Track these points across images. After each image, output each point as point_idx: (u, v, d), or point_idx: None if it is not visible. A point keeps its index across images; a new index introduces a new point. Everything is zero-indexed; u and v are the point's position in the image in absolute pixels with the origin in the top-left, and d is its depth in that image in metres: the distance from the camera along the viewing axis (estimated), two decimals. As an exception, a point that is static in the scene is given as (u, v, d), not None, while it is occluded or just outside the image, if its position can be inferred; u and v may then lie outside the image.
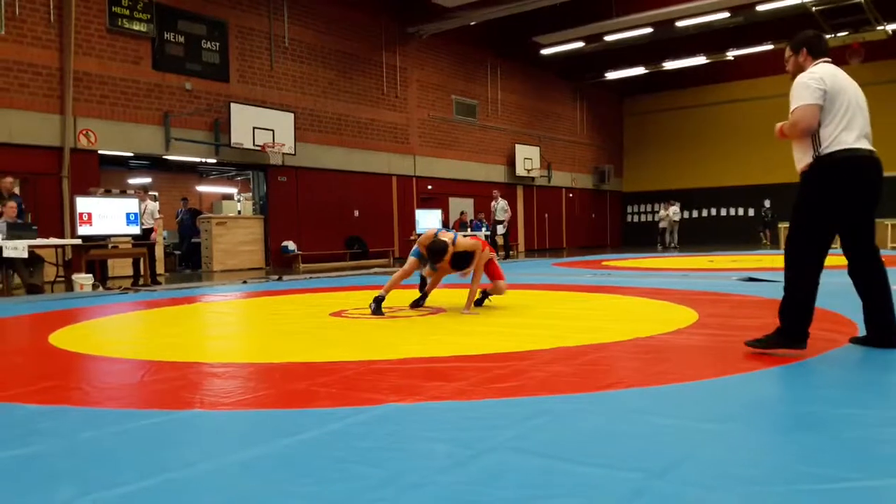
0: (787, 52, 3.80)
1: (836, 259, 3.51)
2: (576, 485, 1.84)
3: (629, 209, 30.93)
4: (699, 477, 1.88)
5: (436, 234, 5.91)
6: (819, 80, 3.47)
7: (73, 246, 9.74)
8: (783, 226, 19.37)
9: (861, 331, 3.85)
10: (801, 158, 3.56)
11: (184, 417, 2.67)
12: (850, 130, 3.45)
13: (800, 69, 3.68)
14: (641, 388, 2.94)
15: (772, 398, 2.74)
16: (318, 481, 1.92)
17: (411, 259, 6.16)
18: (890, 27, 20.48)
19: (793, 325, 3.47)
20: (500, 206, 18.00)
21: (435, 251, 5.70)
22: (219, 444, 2.35)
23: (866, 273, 3.63)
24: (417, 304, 6.30)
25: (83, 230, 9.66)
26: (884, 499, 1.72)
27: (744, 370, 3.23)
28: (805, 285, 3.47)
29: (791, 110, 3.51)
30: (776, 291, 6.66)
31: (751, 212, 27.06)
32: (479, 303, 6.25)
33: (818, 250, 3.49)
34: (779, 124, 3.68)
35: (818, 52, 3.68)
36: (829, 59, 3.67)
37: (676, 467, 1.96)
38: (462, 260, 5.83)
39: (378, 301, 5.81)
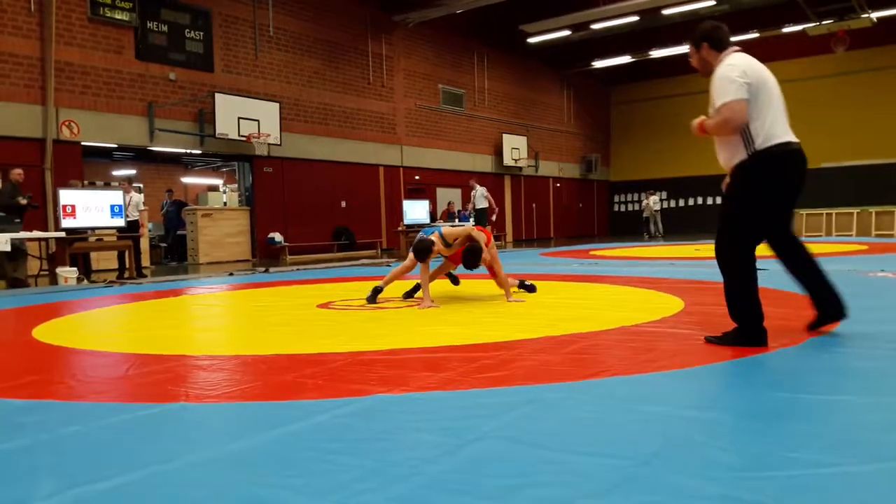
0: (690, 49, 3.71)
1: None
2: (562, 472, 1.85)
3: (616, 198, 31.03)
4: (684, 464, 1.89)
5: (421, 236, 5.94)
6: (742, 73, 3.38)
7: (57, 239, 9.65)
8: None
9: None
10: (734, 155, 3.48)
11: (169, 411, 2.65)
12: (778, 123, 3.42)
13: (706, 64, 3.61)
14: (628, 377, 2.96)
15: (756, 385, 2.76)
16: (305, 473, 1.91)
17: (412, 254, 6.12)
18: (875, 15, 20.59)
19: (750, 328, 3.47)
20: (480, 193, 17.18)
21: (420, 250, 5.70)
22: (204, 437, 2.33)
23: (794, 253, 3.70)
24: (409, 295, 6.29)
25: (67, 223, 9.56)
26: (866, 484, 1.74)
27: (729, 358, 3.25)
28: (752, 286, 3.49)
29: (717, 107, 3.42)
30: (762, 279, 6.71)
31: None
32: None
33: (754, 247, 3.52)
34: (696, 120, 3.59)
35: (719, 43, 3.58)
36: (739, 49, 3.57)
37: (662, 455, 1.97)
38: (472, 257, 5.64)
39: (376, 291, 6.00)
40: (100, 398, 2.89)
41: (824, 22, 21.06)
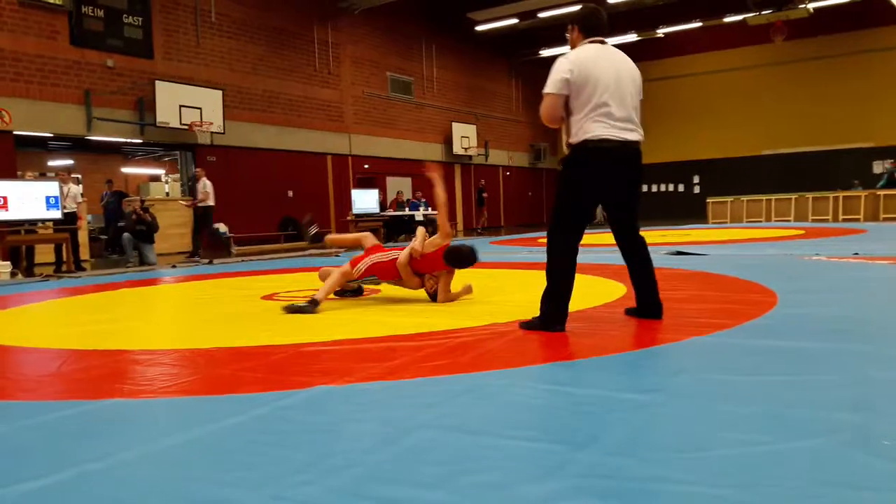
0: (567, 29, 3.77)
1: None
2: (500, 458, 1.86)
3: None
4: (622, 447, 1.92)
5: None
6: (570, 68, 3.43)
7: (-12, 232, 9.26)
8: (711, 200, 19.99)
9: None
10: (565, 142, 3.61)
11: (102, 407, 2.57)
12: (601, 120, 3.41)
13: (573, 46, 3.67)
14: (569, 362, 2.99)
15: (692, 368, 2.82)
16: (241, 467, 1.87)
17: (348, 264, 5.35)
18: (811, 5, 21.23)
19: (556, 311, 3.60)
20: None
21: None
22: (138, 434, 2.27)
23: (632, 253, 3.79)
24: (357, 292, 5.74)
25: (-1, 215, 9.18)
26: (795, 460, 1.79)
27: (666, 341, 3.32)
28: (570, 273, 3.62)
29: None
30: (702, 264, 6.91)
31: (681, 187, 27.84)
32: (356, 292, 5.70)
33: (570, 234, 3.59)
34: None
35: (588, 29, 3.63)
36: (598, 38, 3.61)
37: (600, 438, 2.00)
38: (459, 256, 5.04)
39: (313, 303, 5.19)
40: (28, 396, 2.78)
41: (764, 12, 21.63)
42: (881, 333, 3.39)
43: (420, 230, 5.27)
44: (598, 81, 3.43)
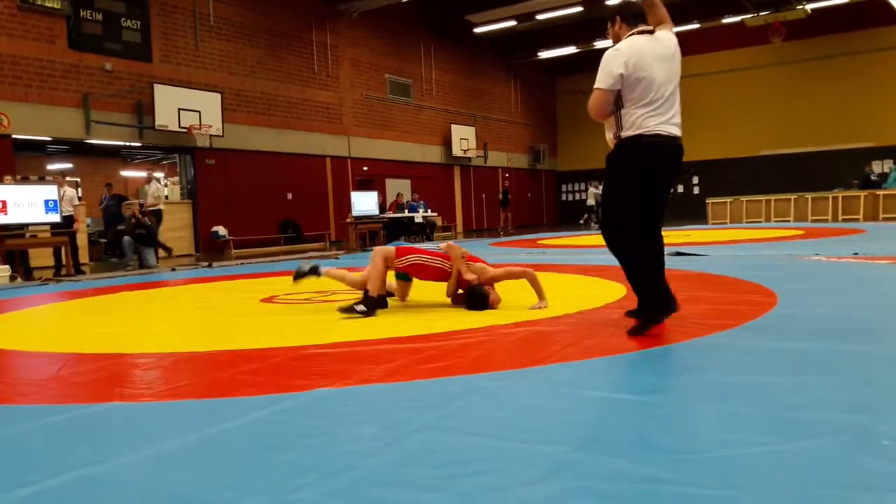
0: (608, 24, 3.68)
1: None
2: (499, 461, 1.85)
3: (564, 188, 31.37)
4: (621, 448, 1.92)
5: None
6: (623, 62, 3.35)
7: (-14, 236, 9.24)
8: (710, 201, 19.98)
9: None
10: (611, 139, 3.55)
11: (100, 411, 2.56)
12: (652, 114, 3.37)
13: (617, 39, 3.56)
14: (569, 363, 2.98)
15: (693, 369, 2.81)
16: (240, 471, 1.87)
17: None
18: (809, 6, 21.24)
19: (645, 301, 3.53)
20: None
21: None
22: (137, 437, 2.26)
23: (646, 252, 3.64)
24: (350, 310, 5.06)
25: (-3, 219, 9.15)
26: (794, 461, 1.79)
27: (667, 342, 3.31)
28: (636, 264, 3.56)
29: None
30: (702, 265, 6.90)
31: (680, 188, 27.84)
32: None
33: (627, 228, 3.53)
34: None
35: (631, 18, 3.56)
36: (646, 28, 3.53)
37: (599, 439, 2.00)
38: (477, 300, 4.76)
39: (313, 270, 5.11)
40: (27, 400, 2.77)
41: (762, 13, 21.64)
42: (881, 334, 3.38)
43: (454, 249, 4.91)
44: (652, 77, 3.37)
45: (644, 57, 3.37)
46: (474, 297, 4.72)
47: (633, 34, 3.49)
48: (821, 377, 2.57)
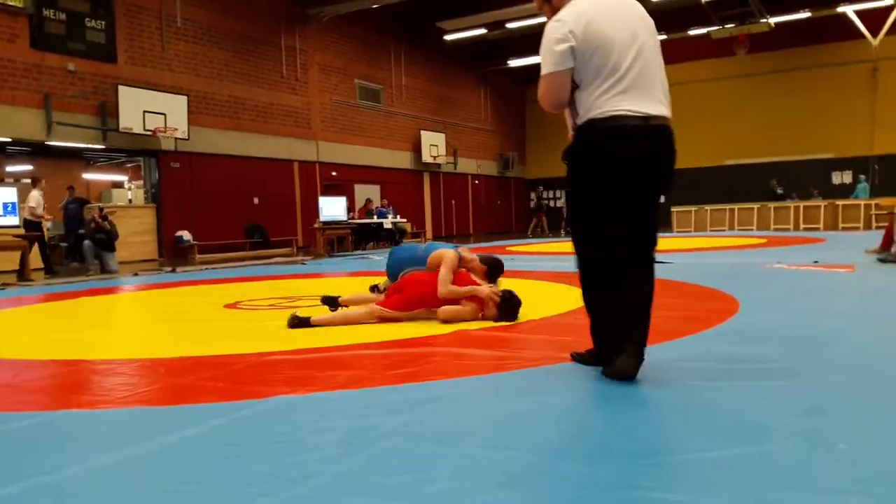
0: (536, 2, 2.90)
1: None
2: (461, 467, 1.84)
3: (532, 195, 31.53)
4: (583, 454, 1.93)
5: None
6: (568, 31, 2.58)
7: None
8: (675, 209, 20.27)
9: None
10: (569, 133, 2.77)
11: (57, 418, 2.50)
12: (615, 90, 2.59)
13: (559, 9, 2.74)
14: (533, 369, 2.99)
15: (655, 376, 2.84)
16: (198, 479, 1.83)
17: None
18: (773, 20, 21.73)
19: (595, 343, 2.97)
20: None
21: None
22: (94, 445, 2.20)
23: None
24: (330, 301, 5.11)
25: (-48, 221, 8.91)
26: (754, 465, 1.81)
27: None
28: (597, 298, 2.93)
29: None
30: (667, 272, 6.98)
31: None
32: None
33: (600, 250, 2.77)
34: None
35: None
36: None
37: (561, 446, 2.00)
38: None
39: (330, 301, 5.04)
40: (-21, 408, 2.69)
41: (727, 26, 22.06)
42: (837, 340, 3.46)
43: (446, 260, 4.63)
44: (610, 40, 2.60)
45: (595, 18, 2.61)
46: (511, 305, 4.33)
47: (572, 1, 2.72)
48: (778, 382, 2.62)
